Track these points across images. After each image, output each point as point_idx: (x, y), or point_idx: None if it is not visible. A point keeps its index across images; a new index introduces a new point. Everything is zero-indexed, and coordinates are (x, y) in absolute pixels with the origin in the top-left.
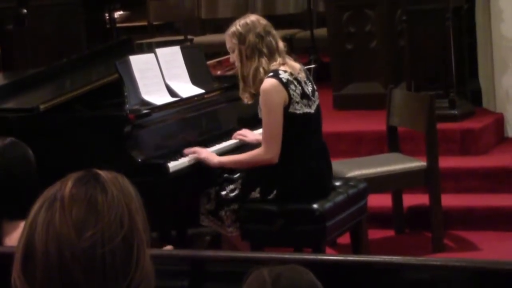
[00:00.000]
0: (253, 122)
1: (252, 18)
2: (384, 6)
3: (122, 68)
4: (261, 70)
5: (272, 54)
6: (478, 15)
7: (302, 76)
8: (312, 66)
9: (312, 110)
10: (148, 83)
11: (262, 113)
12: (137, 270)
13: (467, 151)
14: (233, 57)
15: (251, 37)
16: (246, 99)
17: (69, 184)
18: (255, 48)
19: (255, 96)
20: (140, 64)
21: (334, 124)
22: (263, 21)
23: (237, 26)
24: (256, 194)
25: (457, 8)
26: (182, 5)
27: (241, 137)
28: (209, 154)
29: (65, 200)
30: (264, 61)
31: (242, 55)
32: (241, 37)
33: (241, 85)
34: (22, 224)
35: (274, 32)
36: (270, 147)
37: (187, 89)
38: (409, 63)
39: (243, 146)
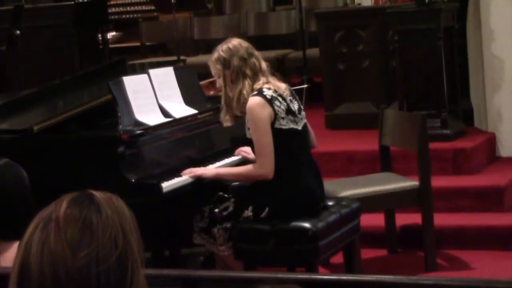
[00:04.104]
0: (246, 142)
1: (234, 42)
2: (375, 26)
3: (116, 88)
4: (245, 92)
5: (255, 75)
6: (470, 35)
7: (287, 94)
8: (304, 86)
9: (299, 127)
10: (141, 104)
11: (251, 131)
12: None
13: (459, 170)
14: (220, 82)
15: (235, 61)
16: (227, 122)
17: (64, 204)
18: (240, 71)
19: (238, 118)
20: (133, 85)
21: (327, 143)
22: (245, 44)
23: (219, 52)
24: (249, 212)
25: (449, 28)
26: (175, 26)
27: (244, 154)
28: (205, 169)
29: (60, 221)
30: (247, 83)
31: (227, 79)
32: (225, 62)
33: (224, 109)
34: (16, 245)
35: (256, 53)
36: (263, 162)
37: (180, 109)
38: (401, 83)
39: (244, 163)
